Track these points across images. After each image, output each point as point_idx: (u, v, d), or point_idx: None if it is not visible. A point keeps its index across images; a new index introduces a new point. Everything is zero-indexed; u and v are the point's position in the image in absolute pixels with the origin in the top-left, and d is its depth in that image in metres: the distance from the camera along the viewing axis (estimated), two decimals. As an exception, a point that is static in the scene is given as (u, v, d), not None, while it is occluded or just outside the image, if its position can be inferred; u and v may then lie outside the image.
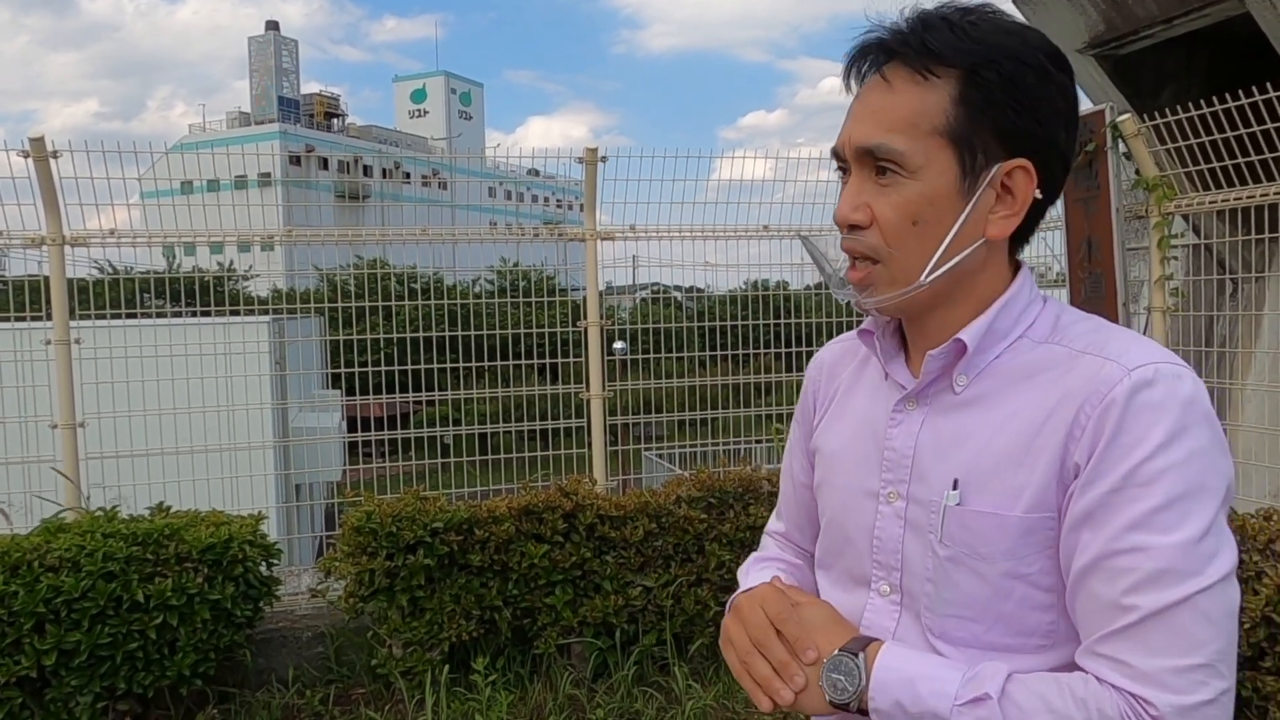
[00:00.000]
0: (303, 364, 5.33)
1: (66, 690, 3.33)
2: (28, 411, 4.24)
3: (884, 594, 1.06)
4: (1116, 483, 0.88)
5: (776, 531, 1.35)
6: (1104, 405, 0.90)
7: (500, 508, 3.82)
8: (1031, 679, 0.91)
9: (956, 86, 0.95)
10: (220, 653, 3.60)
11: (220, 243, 4.73)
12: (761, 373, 5.52)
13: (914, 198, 0.96)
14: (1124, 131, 4.06)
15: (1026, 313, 1.01)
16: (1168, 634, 0.85)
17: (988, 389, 1.00)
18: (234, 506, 4.17)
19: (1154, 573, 0.85)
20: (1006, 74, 0.94)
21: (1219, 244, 4.44)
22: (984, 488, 0.97)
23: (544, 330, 5.13)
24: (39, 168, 4.08)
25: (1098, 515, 0.89)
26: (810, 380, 1.27)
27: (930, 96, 0.95)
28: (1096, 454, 0.89)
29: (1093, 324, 1.00)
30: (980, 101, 0.94)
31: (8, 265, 4.93)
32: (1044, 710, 0.87)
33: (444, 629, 3.73)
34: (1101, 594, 0.88)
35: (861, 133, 0.98)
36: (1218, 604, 0.86)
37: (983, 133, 0.95)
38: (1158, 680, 0.84)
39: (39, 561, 3.34)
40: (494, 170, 38.43)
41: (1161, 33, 4.77)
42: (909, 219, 0.96)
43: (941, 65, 0.95)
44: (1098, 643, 0.89)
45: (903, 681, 0.93)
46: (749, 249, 5.47)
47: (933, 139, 0.95)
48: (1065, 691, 0.88)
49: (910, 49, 0.95)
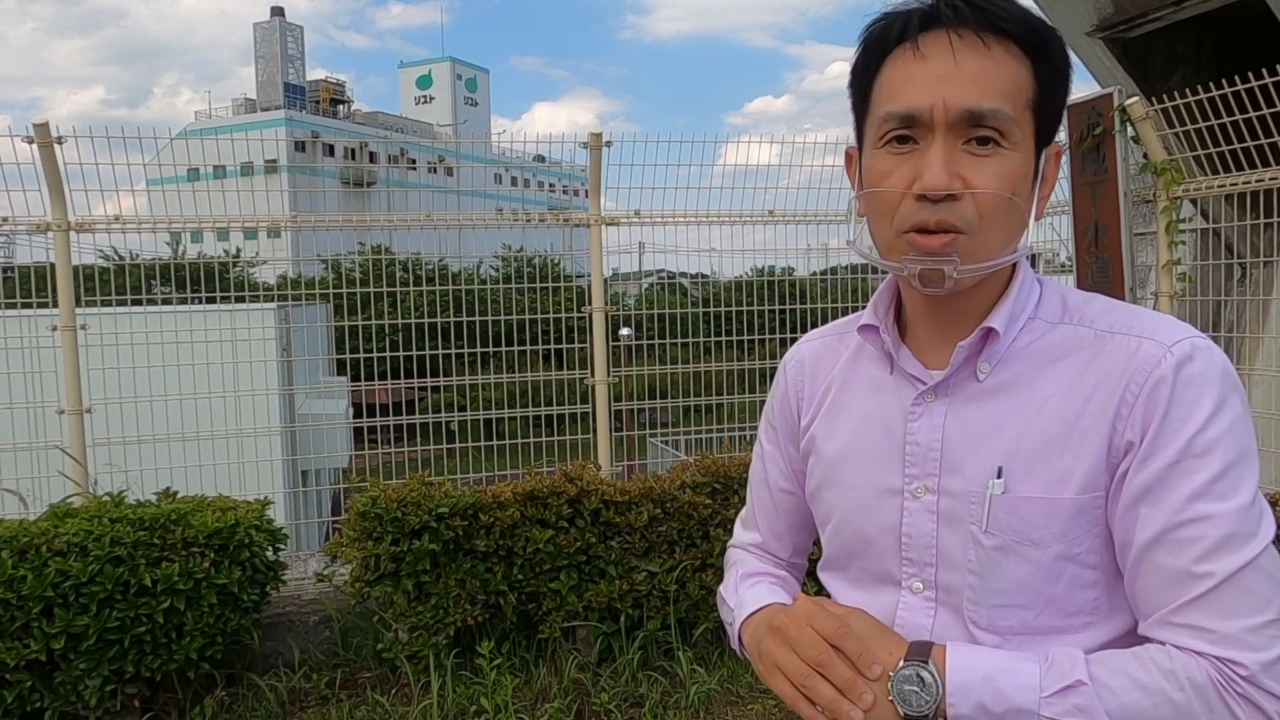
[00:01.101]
0: (309, 350, 5.35)
1: (75, 673, 3.36)
2: (35, 397, 4.26)
3: (916, 591, 1.04)
4: (1174, 456, 0.89)
5: (751, 544, 1.30)
6: (1152, 383, 0.91)
7: (505, 493, 3.83)
8: (1109, 658, 0.90)
9: (1034, 64, 0.94)
10: (227, 637, 3.62)
11: (226, 229, 4.73)
12: (767, 359, 5.51)
13: (1015, 170, 0.93)
14: (1132, 115, 4.02)
15: (1033, 293, 1.02)
16: (1241, 595, 0.86)
17: (1014, 374, 0.99)
18: (241, 492, 4.19)
19: (1222, 539, 0.87)
20: (1066, 61, 0.97)
21: (1227, 228, 4.41)
22: (1030, 473, 0.96)
23: (549, 316, 5.13)
24: (43, 153, 4.08)
25: (1156, 490, 0.90)
26: (790, 381, 1.21)
27: (1023, 70, 0.94)
28: (1151, 430, 0.90)
29: (1103, 303, 1.01)
30: (1050, 84, 0.95)
31: (14, 252, 4.94)
32: (1134, 688, 0.86)
33: (449, 613, 3.75)
34: (1170, 565, 0.89)
35: (965, 96, 0.91)
36: (1274, 560, 0.88)
37: (1047, 113, 0.96)
38: (1240, 641, 0.85)
39: (47, 546, 3.36)
40: (500, 156, 38.29)
41: (1171, 15, 4.72)
42: (1009, 190, 0.93)
43: (1030, 40, 0.94)
44: (1173, 613, 0.89)
45: (982, 681, 0.89)
46: (755, 234, 5.45)
47: (1027, 113, 0.94)
48: (1150, 665, 0.88)
49: (1009, 17, 0.93)
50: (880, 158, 0.97)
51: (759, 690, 3.80)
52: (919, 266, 0.95)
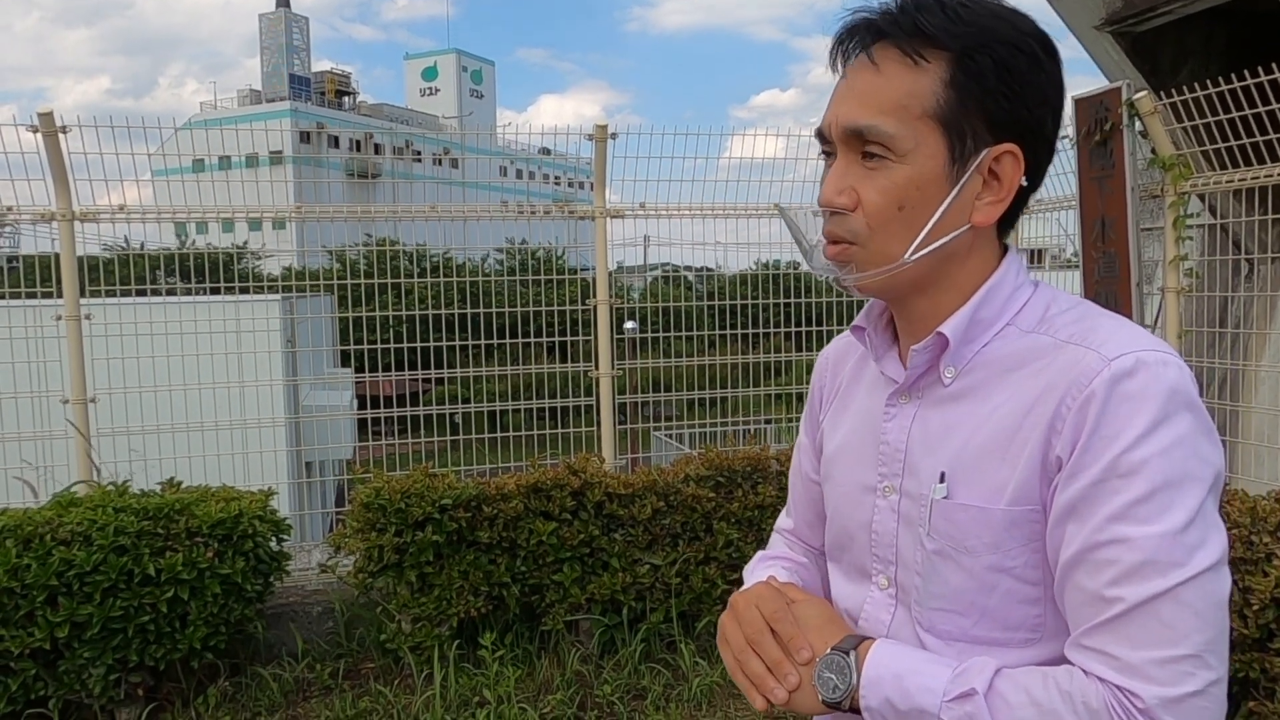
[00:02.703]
0: (313, 342, 5.35)
1: (79, 662, 3.37)
2: (40, 387, 4.27)
3: (882, 587, 1.07)
4: (1098, 475, 0.87)
5: (785, 529, 1.34)
6: (1084, 397, 0.88)
7: (509, 485, 3.83)
8: (1019, 673, 0.90)
9: (948, 70, 0.93)
10: (231, 626, 3.63)
11: (231, 220, 4.73)
12: (771, 352, 5.50)
13: (901, 182, 0.94)
14: (1140, 109, 4.00)
15: (1013, 299, 1.00)
16: (1151, 626, 0.84)
17: (975, 381, 0.99)
18: (245, 482, 4.20)
19: (1136, 564, 0.84)
20: (999, 59, 0.93)
21: (1235, 224, 4.39)
22: (969, 481, 0.96)
23: (554, 309, 5.12)
24: (48, 143, 4.08)
25: (1080, 508, 0.88)
26: (817, 376, 1.26)
27: (921, 79, 0.93)
28: (1079, 447, 0.88)
29: (1079, 312, 0.98)
30: (972, 86, 0.93)
31: (19, 242, 4.94)
32: (1029, 704, 0.87)
33: (452, 605, 3.76)
34: (1086, 586, 0.88)
35: (849, 114, 0.96)
36: (1202, 595, 0.85)
37: (972, 117, 0.93)
38: (1143, 672, 0.84)
39: (51, 535, 3.37)
40: (505, 149, 38.31)
41: (1181, 9, 4.69)
42: (895, 204, 0.95)
43: (933, 48, 0.93)
44: (1083, 635, 0.88)
45: (892, 678, 0.93)
46: (760, 228, 5.44)
47: (923, 122, 0.93)
48: (1050, 684, 0.88)
49: (901, 30, 0.94)
50: (824, 168, 1.03)
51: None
52: (821, 274, 1.02)
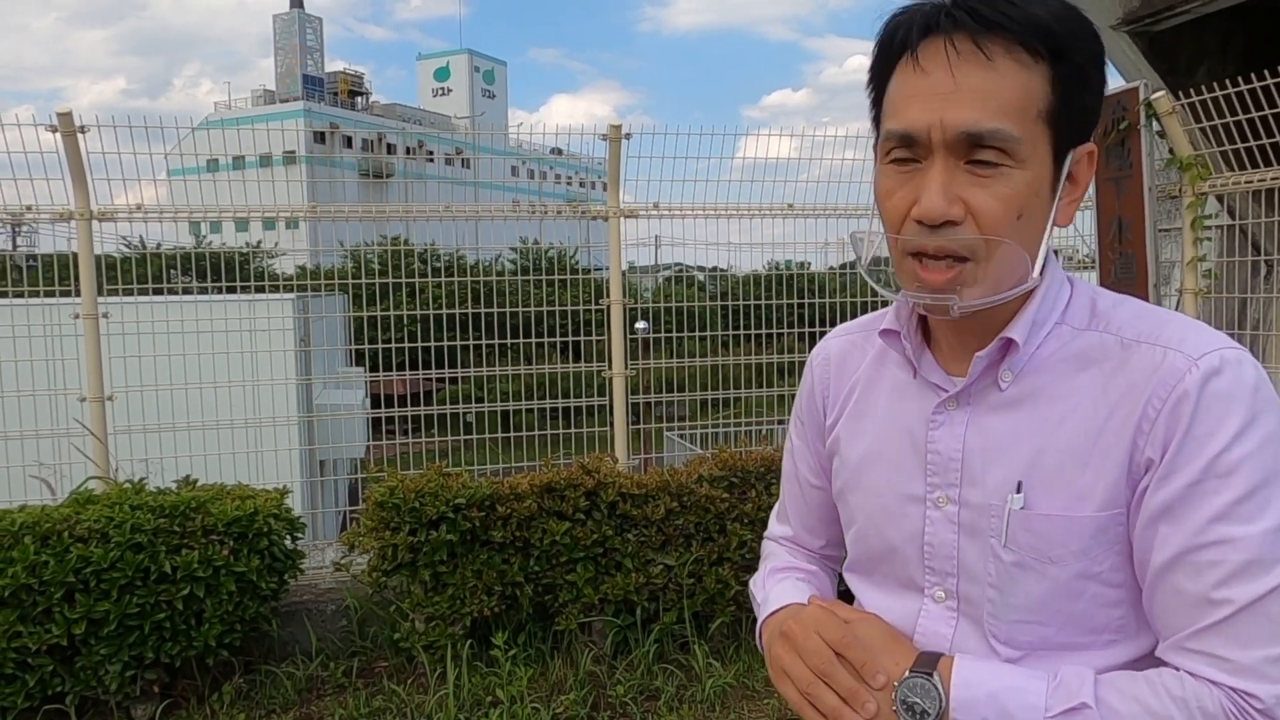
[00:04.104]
0: (327, 340, 5.37)
1: (96, 659, 3.39)
2: (56, 385, 4.30)
3: (939, 600, 1.02)
4: (1195, 475, 0.85)
5: (783, 537, 1.29)
6: (1175, 398, 0.86)
7: (522, 485, 3.83)
8: (1121, 680, 0.87)
9: (1051, 66, 0.88)
10: (245, 624, 3.64)
11: (246, 219, 4.75)
12: (784, 353, 5.49)
13: (1023, 189, 0.88)
14: (1158, 110, 3.98)
15: (1059, 297, 0.97)
16: (1262, 624, 0.83)
17: (1037, 385, 0.95)
18: (259, 481, 4.22)
19: (1243, 564, 0.83)
20: (1093, 54, 0.90)
21: (1253, 225, 4.35)
22: (1050, 489, 0.92)
23: (566, 309, 5.12)
24: (67, 143, 4.11)
25: (1177, 510, 0.86)
26: (816, 377, 1.20)
27: (1034, 78, 0.87)
28: (1172, 447, 0.86)
29: (1133, 308, 0.96)
30: (1074, 84, 0.89)
31: (37, 241, 4.98)
32: (1143, 713, 0.84)
33: (466, 604, 3.76)
34: (1188, 589, 0.86)
35: (965, 116, 0.86)
36: None
37: (1070, 117, 0.90)
38: (1258, 672, 0.82)
39: (69, 532, 3.39)
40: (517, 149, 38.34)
41: (1199, 9, 4.66)
42: (1015, 213, 0.88)
43: (1040, 42, 0.87)
44: (1189, 639, 0.86)
45: (987, 697, 0.88)
46: (772, 228, 5.43)
47: (1038, 124, 0.88)
48: (1161, 691, 0.85)
49: (1014, 21, 0.86)
50: (886, 174, 0.94)
51: (775, 686, 3.79)
52: (921, 302, 0.94)
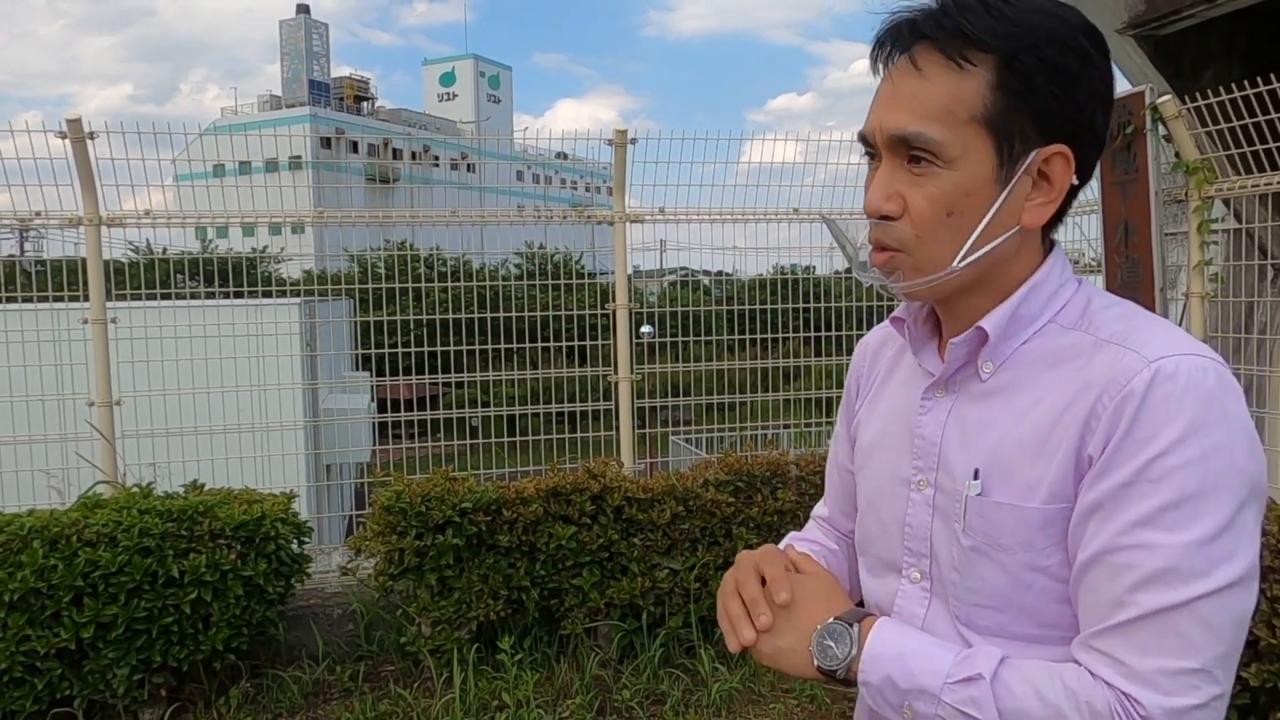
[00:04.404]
0: (333, 345, 5.38)
1: (104, 662, 3.40)
2: (64, 390, 4.32)
3: (914, 581, 1.06)
4: (1128, 477, 0.85)
5: (820, 516, 1.35)
6: (1122, 396, 0.86)
7: (528, 489, 3.84)
8: (1027, 665, 0.90)
9: (994, 72, 0.90)
10: (253, 628, 3.65)
11: (252, 224, 4.77)
12: (789, 357, 5.49)
13: (950, 188, 0.93)
14: (1164, 114, 3.98)
15: (1056, 297, 0.98)
16: (1165, 635, 0.83)
17: (1013, 377, 0.98)
18: (265, 485, 4.23)
19: (1158, 572, 0.83)
20: (1047, 59, 0.90)
21: (1260, 229, 4.34)
22: (1005, 478, 0.95)
23: (572, 313, 5.13)
24: (76, 149, 4.13)
25: (1106, 508, 0.87)
26: (855, 366, 1.25)
27: (967, 83, 0.91)
28: (1110, 446, 0.87)
29: (1122, 310, 0.96)
30: (1020, 88, 0.90)
31: (45, 246, 5.00)
32: (1033, 697, 0.86)
33: (472, 608, 3.77)
34: (1102, 588, 0.87)
35: (895, 120, 0.94)
36: (1221, 609, 0.83)
37: (1021, 120, 0.91)
38: (1150, 681, 0.83)
39: (77, 536, 3.40)
40: (522, 153, 38.39)
41: (1204, 12, 4.66)
42: (943, 210, 0.93)
43: (977, 50, 0.90)
44: (1093, 636, 0.87)
45: (895, 655, 0.94)
46: (777, 232, 5.43)
47: (970, 127, 0.91)
48: (1057, 682, 0.87)
49: (944, 33, 0.91)
50: (869, 172, 1.03)
51: (781, 689, 3.79)
52: (868, 282, 1.03)
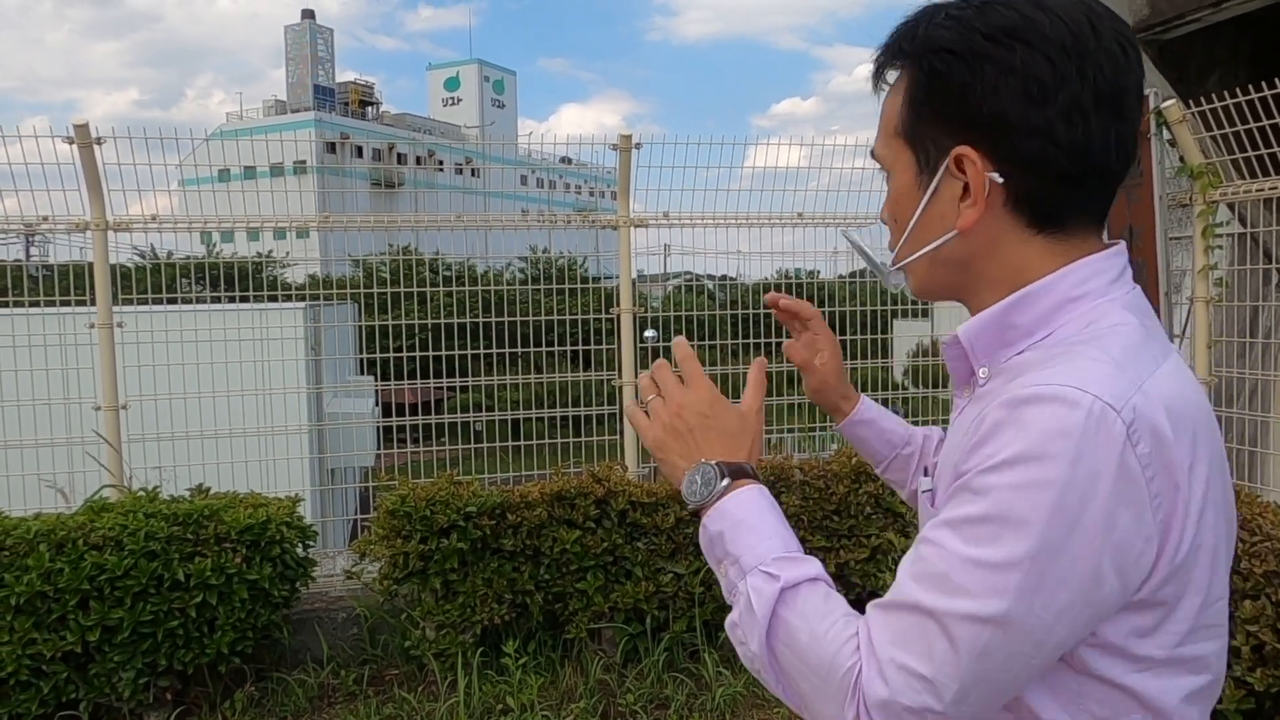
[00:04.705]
0: (337, 349, 5.40)
1: (110, 666, 3.41)
2: (69, 394, 4.33)
3: None
4: (961, 483, 0.85)
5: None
6: (990, 413, 0.85)
7: (533, 493, 3.85)
8: (834, 598, 0.93)
9: (904, 86, 0.98)
10: (258, 632, 3.66)
11: (257, 229, 4.79)
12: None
13: (891, 196, 1.03)
14: (1169, 118, 3.98)
15: (1061, 311, 0.92)
16: (912, 633, 0.82)
17: (993, 385, 0.96)
18: (270, 489, 4.24)
19: (934, 573, 0.82)
20: (929, 68, 0.94)
21: (1265, 233, 4.34)
22: (941, 480, 0.98)
23: (576, 317, 5.14)
24: (83, 154, 4.15)
25: (941, 502, 0.92)
26: None
27: (895, 99, 0.99)
28: (966, 451, 0.86)
29: (1085, 336, 0.89)
30: (920, 97, 0.96)
31: (53, 251, 5.02)
32: (806, 630, 0.90)
33: (476, 612, 3.77)
34: (902, 567, 0.88)
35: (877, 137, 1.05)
36: (973, 638, 0.79)
37: (928, 126, 0.96)
38: (881, 666, 0.83)
39: (84, 540, 3.41)
40: (526, 158, 38.41)
41: (1209, 17, 4.66)
42: (891, 216, 1.04)
43: (897, 68, 0.99)
44: (877, 602, 0.89)
45: (736, 522, 0.99)
46: (782, 237, 5.44)
47: (896, 139, 0.99)
48: (834, 624, 0.89)
49: (884, 54, 1.00)
50: None
51: (784, 694, 3.78)
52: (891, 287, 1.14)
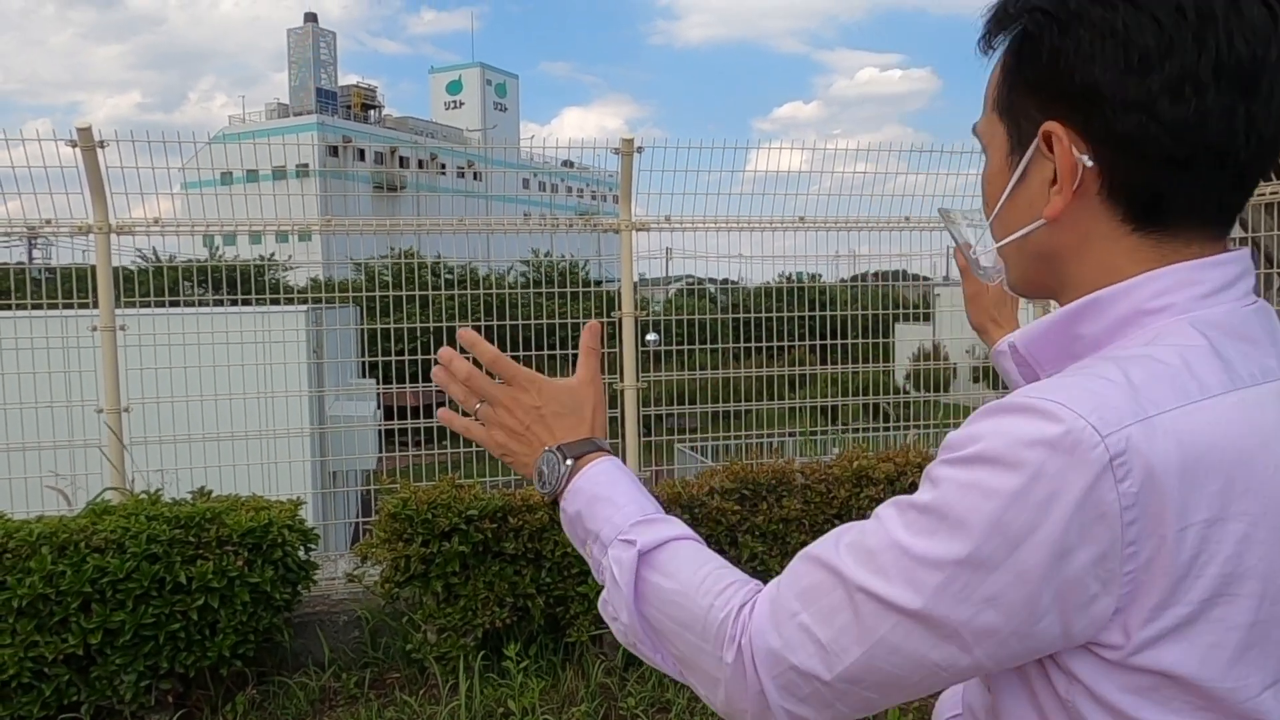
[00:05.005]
0: (339, 352, 5.40)
1: (111, 669, 3.41)
2: (72, 396, 4.34)
3: None
4: (925, 469, 0.79)
5: None
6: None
7: (534, 496, 3.84)
8: (704, 552, 0.92)
9: (1004, 53, 0.87)
10: (259, 635, 3.66)
11: (260, 232, 4.80)
12: (794, 365, 5.50)
13: (984, 176, 0.92)
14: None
15: (1135, 323, 0.79)
16: (821, 591, 0.78)
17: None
18: (272, 492, 4.24)
19: (864, 545, 0.78)
20: (1025, 31, 0.83)
21: (1266, 238, 4.35)
22: None
23: (577, 321, 5.15)
24: (86, 157, 4.16)
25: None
26: None
27: (997, 68, 0.88)
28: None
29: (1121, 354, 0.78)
30: (1010, 64, 0.85)
31: (55, 254, 5.04)
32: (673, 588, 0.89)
33: (478, 615, 3.77)
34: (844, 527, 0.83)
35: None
36: (878, 622, 0.75)
37: (1020, 98, 0.85)
38: (776, 614, 0.80)
39: (86, 542, 3.42)
40: (528, 162, 38.46)
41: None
42: (984, 198, 0.93)
43: (1001, 34, 0.87)
44: (801, 553, 0.84)
45: (589, 498, 0.99)
46: (783, 241, 5.45)
47: (992, 113, 0.89)
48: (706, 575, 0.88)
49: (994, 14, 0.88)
50: None
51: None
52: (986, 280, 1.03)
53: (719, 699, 0.85)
